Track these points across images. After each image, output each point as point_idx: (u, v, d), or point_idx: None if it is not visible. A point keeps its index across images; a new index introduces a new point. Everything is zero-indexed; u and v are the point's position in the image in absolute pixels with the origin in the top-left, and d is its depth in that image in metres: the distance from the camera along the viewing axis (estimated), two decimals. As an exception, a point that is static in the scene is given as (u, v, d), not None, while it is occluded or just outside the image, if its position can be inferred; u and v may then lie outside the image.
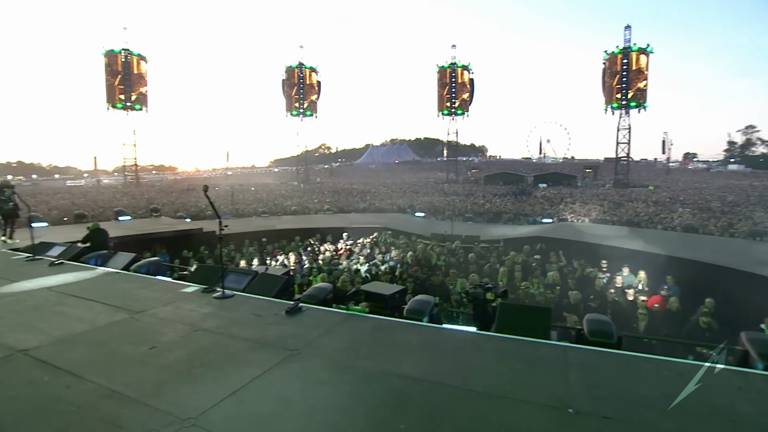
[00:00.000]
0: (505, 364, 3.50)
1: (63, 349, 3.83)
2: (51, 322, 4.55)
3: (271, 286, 5.45)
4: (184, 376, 3.30)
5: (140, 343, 3.93)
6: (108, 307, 5.03)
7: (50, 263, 7.45)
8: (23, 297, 5.56)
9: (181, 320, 4.52)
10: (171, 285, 6.13)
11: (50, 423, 2.72)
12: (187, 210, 24.21)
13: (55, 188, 49.49)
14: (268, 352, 3.69)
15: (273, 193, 41.23)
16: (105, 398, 2.98)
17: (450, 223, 18.46)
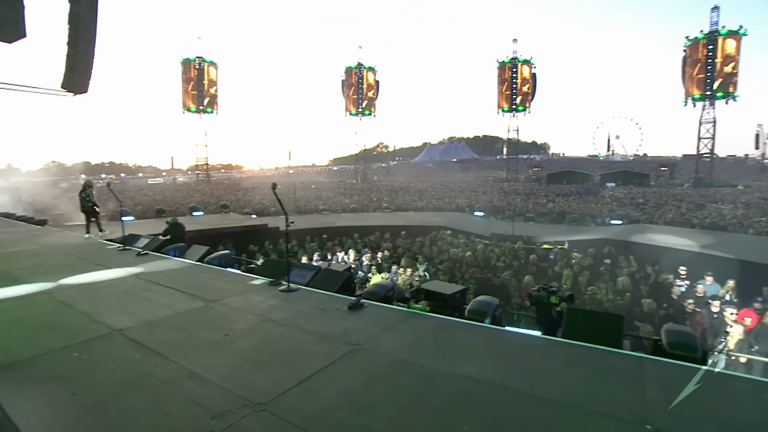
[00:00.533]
0: (574, 372, 3.34)
1: (150, 331, 4.22)
2: (140, 306, 5.03)
3: (334, 281, 5.62)
4: (255, 363, 3.50)
5: (215, 330, 4.22)
6: (186, 296, 5.46)
7: (137, 253, 8.23)
8: (117, 283, 6.19)
9: (250, 310, 4.80)
10: (240, 277, 6.51)
11: (142, 395, 3.01)
12: (253, 207, 25.58)
13: (138, 186, 54.54)
14: (331, 346, 3.81)
15: (332, 191, 42.41)
16: (187, 378, 3.24)
17: (510, 223, 17.91)
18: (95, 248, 9.27)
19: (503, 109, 55.71)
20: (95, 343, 3.97)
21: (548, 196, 34.07)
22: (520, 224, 18.88)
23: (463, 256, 12.01)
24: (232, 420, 2.68)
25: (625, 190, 37.51)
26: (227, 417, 2.70)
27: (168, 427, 2.63)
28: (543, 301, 5.08)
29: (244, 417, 2.71)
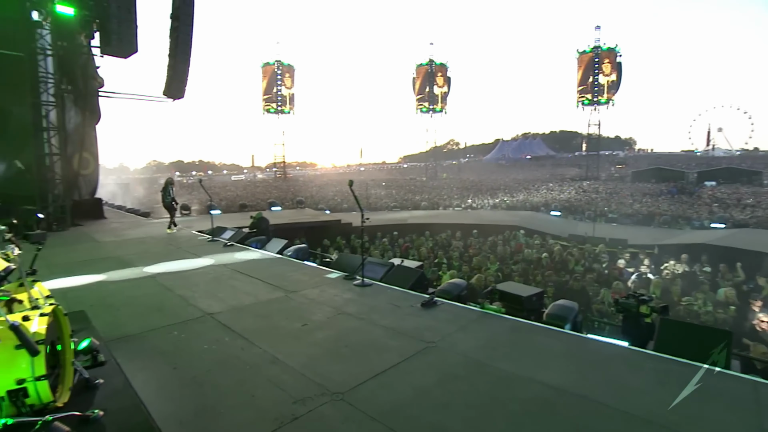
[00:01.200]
0: (669, 390, 3.04)
1: (237, 317, 4.56)
2: (227, 293, 5.46)
3: (407, 278, 5.66)
4: (332, 354, 3.64)
5: (294, 320, 4.45)
6: (268, 285, 5.82)
7: (224, 244, 8.95)
8: (207, 270, 6.78)
9: (327, 303, 5.00)
10: (317, 270, 6.81)
11: (231, 375, 3.27)
12: (326, 202, 26.57)
13: (223, 182, 59.07)
14: (405, 342, 3.85)
15: (403, 188, 42.67)
16: (270, 363, 3.46)
17: (591, 224, 16.76)
18: (188, 239, 10.23)
19: (583, 103, 52.01)
20: (191, 324, 4.39)
21: (634, 196, 31.31)
22: (601, 225, 17.61)
23: (539, 258, 11.48)
24: (312, 406, 2.81)
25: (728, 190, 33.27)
26: (307, 403, 2.85)
27: (254, 406, 2.83)
28: (631, 309, 4.69)
29: (323, 404, 2.84)
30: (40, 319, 2.42)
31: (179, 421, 2.63)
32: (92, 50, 14.20)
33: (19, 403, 2.24)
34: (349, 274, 6.01)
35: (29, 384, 2.25)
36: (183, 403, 2.86)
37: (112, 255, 8.24)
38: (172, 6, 14.50)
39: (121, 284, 6.04)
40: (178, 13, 14.39)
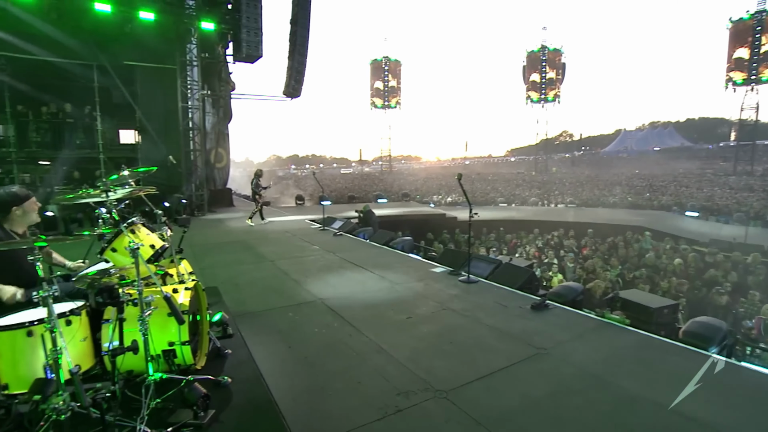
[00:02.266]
0: None
1: (345, 304, 4.77)
2: (337, 281, 5.76)
3: (516, 277, 5.37)
4: (436, 349, 3.60)
5: (400, 311, 4.51)
6: (374, 276, 6.00)
7: (333, 234, 9.47)
8: (318, 258, 7.24)
9: (431, 297, 4.97)
10: (422, 263, 6.83)
11: (338, 360, 3.42)
12: (431, 196, 26.60)
13: (333, 175, 62.72)
14: (513, 345, 3.64)
15: (510, 183, 40.76)
16: (375, 352, 3.54)
17: (743, 228, 14.13)
18: (302, 227, 11.05)
19: (735, 83, 43.42)
20: (304, 307, 4.71)
21: (805, 196, 25.55)
22: (757, 230, 14.74)
23: (669, 265, 10.04)
24: (416, 401, 2.80)
25: None
26: (411, 397, 2.85)
27: (360, 393, 2.91)
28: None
29: (427, 400, 2.81)
30: (185, 292, 2.80)
31: (293, 397, 2.83)
32: (226, 58, 16.15)
33: (170, 362, 2.62)
34: (455, 270, 5.91)
35: (177, 347, 2.61)
36: (296, 380, 3.08)
37: (239, 239, 9.27)
38: (291, 12, 15.73)
39: (246, 266, 6.75)
40: (297, 18, 15.55)
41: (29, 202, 2.83)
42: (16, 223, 2.79)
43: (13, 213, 2.76)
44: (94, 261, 3.00)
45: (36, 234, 2.32)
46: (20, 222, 2.81)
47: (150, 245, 2.98)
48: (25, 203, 2.80)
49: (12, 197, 2.76)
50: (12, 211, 2.75)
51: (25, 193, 2.84)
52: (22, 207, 2.78)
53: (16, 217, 2.77)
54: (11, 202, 2.75)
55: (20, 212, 2.78)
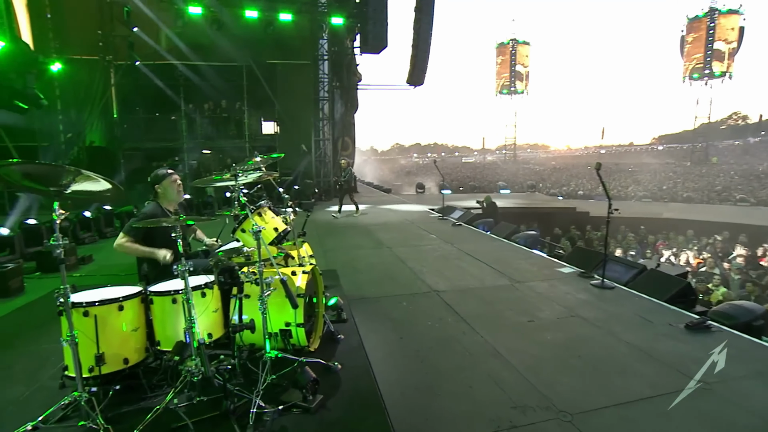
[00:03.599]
0: None
1: (461, 298, 4.55)
2: (453, 273, 5.55)
3: (664, 287, 4.50)
4: (561, 362, 3.17)
5: (520, 313, 4.12)
6: (493, 271, 5.63)
7: (453, 224, 9.24)
8: (436, 247, 7.10)
9: (557, 300, 4.45)
10: (547, 261, 6.21)
11: (450, 358, 3.23)
12: (559, 188, 24.43)
13: (455, 164, 61.91)
14: (661, 371, 3.01)
15: (656, 174, 35.28)
16: (490, 355, 3.26)
17: None
18: (421, 215, 11.03)
19: None
20: (419, 298, 4.62)
21: None
22: None
23: None
24: (534, 419, 2.48)
25: None
26: (528, 413, 2.53)
27: (471, 399, 2.69)
28: None
29: (547, 421, 2.47)
30: (302, 276, 2.90)
31: (400, 392, 2.74)
32: (354, 50, 16.88)
33: (286, 341, 2.75)
34: (586, 272, 5.22)
35: (293, 328, 2.72)
36: (405, 374, 2.99)
37: (360, 224, 9.63)
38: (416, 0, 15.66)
39: (365, 251, 6.95)
40: (421, 5, 15.41)
41: (167, 181, 3.19)
42: (164, 201, 3.20)
43: (156, 191, 3.16)
44: (228, 240, 3.31)
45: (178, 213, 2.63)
46: (165, 199, 3.20)
47: (274, 228, 3.16)
48: (163, 182, 3.17)
49: (155, 177, 3.17)
50: (155, 189, 3.15)
51: (163, 172, 3.21)
52: (161, 185, 3.17)
53: (161, 195, 3.18)
54: (153, 182, 3.16)
55: (161, 190, 3.17)
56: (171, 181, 3.22)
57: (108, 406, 2.27)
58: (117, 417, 2.25)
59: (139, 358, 2.50)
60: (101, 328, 2.31)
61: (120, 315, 2.39)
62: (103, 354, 2.30)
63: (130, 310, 2.44)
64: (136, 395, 2.44)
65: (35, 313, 4.35)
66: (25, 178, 1.97)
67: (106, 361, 2.31)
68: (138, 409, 2.35)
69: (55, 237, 2.00)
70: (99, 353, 2.29)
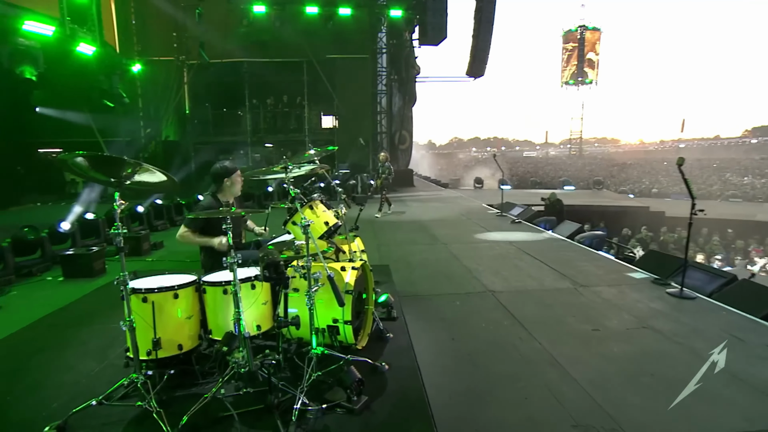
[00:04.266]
0: None
1: (518, 300, 4.29)
2: (510, 272, 5.27)
3: (760, 301, 3.93)
4: (629, 378, 2.85)
5: (583, 320, 3.80)
6: (554, 272, 5.28)
7: (512, 221, 8.83)
8: (493, 245, 6.81)
9: (627, 309, 4.05)
10: (615, 265, 5.72)
11: (504, 364, 3.03)
12: (630, 185, 22.65)
13: (515, 158, 59.54)
14: (758, 402, 2.60)
15: (749, 171, 31.62)
16: (549, 365, 3.02)
17: None
18: (478, 211, 10.69)
19: None
20: (473, 298, 4.42)
21: None
22: None
23: None
24: (598, 441, 2.24)
25: None
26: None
27: (526, 411, 2.49)
28: None
29: (614, 444, 2.21)
30: (351, 272, 2.84)
31: (448, 396, 2.61)
32: (412, 43, 16.67)
33: (333, 337, 2.71)
34: (661, 278, 4.72)
35: (340, 325, 2.67)
36: (454, 378, 2.84)
37: (416, 219, 9.50)
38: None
39: (419, 246, 6.83)
40: (485, -8, 14.85)
41: (235, 175, 3.31)
42: (225, 193, 3.30)
43: (224, 184, 3.25)
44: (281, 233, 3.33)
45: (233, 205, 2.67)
46: (228, 192, 3.31)
47: (324, 222, 3.13)
48: (232, 175, 3.27)
49: (224, 170, 3.26)
50: (223, 182, 3.24)
51: (233, 167, 3.31)
52: (230, 179, 3.26)
53: (226, 188, 3.27)
54: (223, 174, 3.24)
55: (229, 183, 3.27)
56: (238, 176, 3.33)
57: (163, 388, 2.35)
58: (170, 400, 2.33)
59: (192, 344, 2.57)
60: (158, 314, 2.40)
61: (175, 303, 2.48)
62: (160, 339, 2.39)
63: (185, 299, 2.52)
64: (188, 380, 2.52)
65: (111, 294, 4.70)
66: (91, 169, 2.07)
67: (162, 346, 2.39)
68: (189, 394, 2.42)
69: (115, 225, 2.08)
70: (156, 338, 2.38)
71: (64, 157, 1.91)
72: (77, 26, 10.49)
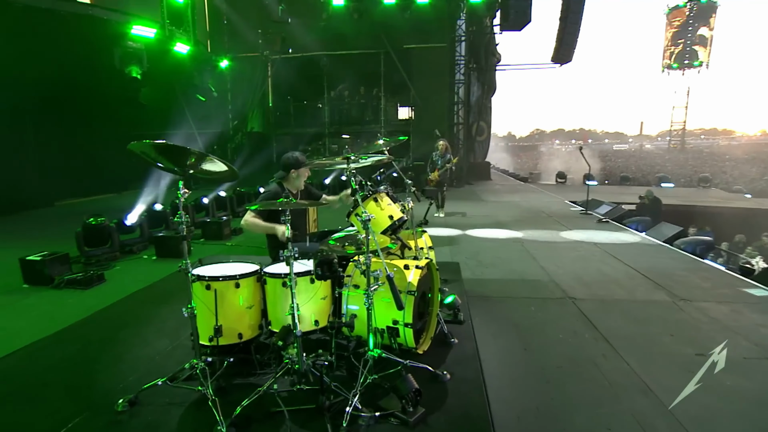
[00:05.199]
0: None
1: (602, 311, 3.81)
2: (594, 278, 4.74)
3: None
4: (750, 424, 2.35)
5: (684, 341, 3.25)
6: (647, 281, 4.65)
7: (598, 220, 8.03)
8: (575, 246, 6.23)
9: (743, 332, 3.40)
10: (726, 277, 4.89)
11: (583, 385, 2.66)
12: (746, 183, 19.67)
13: (604, 151, 54.79)
14: None
15: None
16: (639, 391, 2.60)
17: None
18: (560, 207, 9.90)
19: None
20: (550, 304, 4.02)
21: None
22: None
23: None
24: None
25: None
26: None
27: (610, 443, 2.15)
28: None
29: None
30: (415, 271, 2.65)
31: (516, 416, 2.33)
32: (493, 29, 15.82)
33: (392, 339, 2.56)
34: (791, 298, 3.92)
35: (400, 327, 2.51)
36: (525, 395, 2.55)
37: (491, 214, 9.05)
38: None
39: (492, 243, 6.45)
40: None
41: (304, 169, 3.27)
42: (291, 184, 3.28)
43: (290, 174, 3.23)
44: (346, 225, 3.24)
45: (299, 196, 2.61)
46: (293, 183, 3.28)
47: (388, 216, 2.97)
48: (300, 169, 3.23)
49: (294, 161, 3.23)
50: (290, 172, 3.23)
51: (304, 160, 3.27)
52: (298, 171, 3.24)
53: (292, 179, 3.26)
54: (292, 165, 3.22)
55: (295, 175, 3.25)
56: (305, 169, 3.30)
57: (222, 375, 2.38)
58: (228, 387, 2.36)
59: (252, 334, 2.58)
60: (220, 302, 2.43)
61: (237, 292, 2.49)
62: (221, 326, 2.41)
63: (246, 288, 2.52)
64: (247, 369, 2.53)
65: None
66: (160, 156, 2.12)
67: (222, 334, 2.42)
68: (246, 383, 2.42)
69: (179, 214, 2.11)
70: (217, 325, 2.41)
71: (133, 146, 1.96)
72: (175, 28, 11.42)
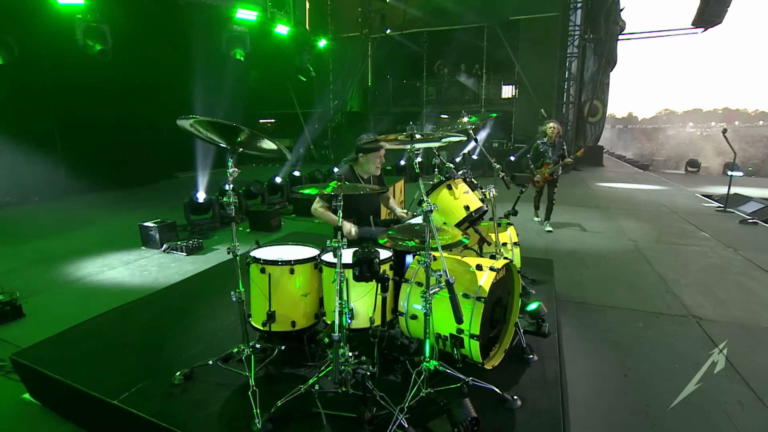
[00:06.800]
0: None
1: (741, 340, 2.99)
2: (732, 294, 3.80)
3: None
4: None
5: None
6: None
7: (741, 220, 6.55)
8: (706, 251, 5.11)
9: None
10: None
11: None
12: None
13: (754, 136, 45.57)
14: None
15: None
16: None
17: None
18: (689, 203, 8.34)
19: None
20: (664, 321, 3.29)
21: None
22: None
23: None
24: None
25: None
26: None
27: None
28: None
29: None
30: (489, 273, 2.24)
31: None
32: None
33: (455, 349, 2.20)
34: None
35: (465, 337, 2.14)
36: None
37: (597, 205, 7.96)
38: None
39: (597, 239, 5.62)
40: None
41: (373, 155, 2.97)
42: (361, 168, 3.02)
43: (359, 159, 2.98)
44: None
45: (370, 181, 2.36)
46: (363, 168, 3.02)
47: (464, 206, 2.57)
48: (369, 154, 2.95)
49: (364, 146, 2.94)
50: (359, 156, 2.98)
51: (375, 145, 2.91)
52: (366, 156, 2.96)
53: (362, 162, 2.99)
54: (362, 149, 2.94)
55: (364, 159, 2.98)
56: (376, 156, 3.02)
57: (272, 362, 2.26)
58: (277, 375, 2.23)
59: (306, 323, 2.42)
60: (274, 287, 2.30)
61: (291, 278, 2.33)
62: (274, 312, 2.29)
63: (302, 274, 2.36)
64: (298, 359, 2.38)
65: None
66: (212, 131, 2.01)
67: (275, 320, 2.30)
68: (296, 374, 2.28)
69: (228, 193, 1.99)
70: (271, 311, 2.29)
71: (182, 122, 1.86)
72: (276, 10, 11.82)
